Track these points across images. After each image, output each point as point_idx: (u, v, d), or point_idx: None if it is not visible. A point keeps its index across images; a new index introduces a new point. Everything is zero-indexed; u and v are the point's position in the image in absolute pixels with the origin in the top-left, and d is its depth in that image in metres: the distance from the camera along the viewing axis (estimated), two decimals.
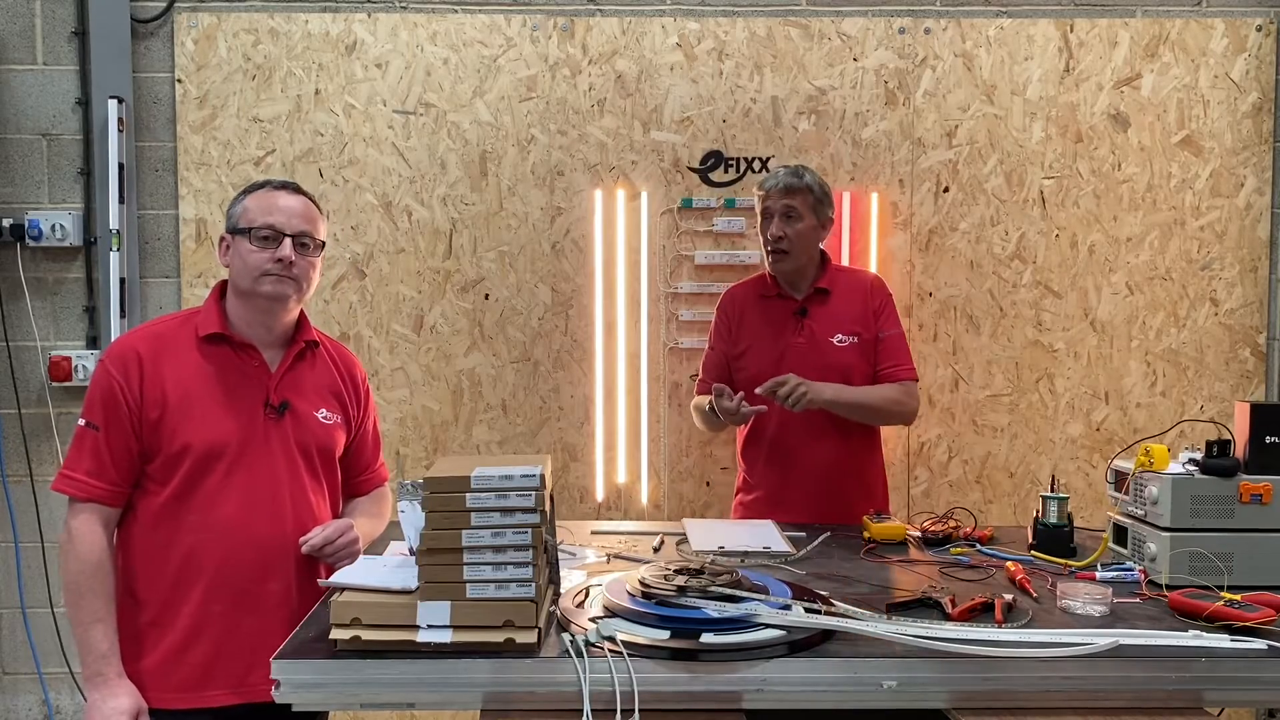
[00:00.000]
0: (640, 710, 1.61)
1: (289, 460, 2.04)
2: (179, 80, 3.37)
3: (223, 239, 2.06)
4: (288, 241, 2.00)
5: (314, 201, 2.10)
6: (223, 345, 2.02)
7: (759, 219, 2.82)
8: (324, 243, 2.10)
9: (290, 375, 2.07)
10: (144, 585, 1.97)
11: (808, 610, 1.81)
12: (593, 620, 1.78)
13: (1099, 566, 2.18)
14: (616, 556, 2.30)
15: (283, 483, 2.02)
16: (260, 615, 1.98)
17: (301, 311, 2.13)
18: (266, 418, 2.02)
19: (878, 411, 2.79)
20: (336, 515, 2.17)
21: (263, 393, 2.03)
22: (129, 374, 1.94)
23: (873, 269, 3.44)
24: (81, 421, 1.96)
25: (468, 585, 1.69)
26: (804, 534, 2.51)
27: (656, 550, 2.38)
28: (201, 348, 2.00)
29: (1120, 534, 2.25)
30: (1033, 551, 2.33)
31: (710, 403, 2.74)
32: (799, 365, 2.76)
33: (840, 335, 2.79)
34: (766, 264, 2.85)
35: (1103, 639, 1.74)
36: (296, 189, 2.08)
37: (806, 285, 2.84)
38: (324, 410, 2.11)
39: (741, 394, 2.65)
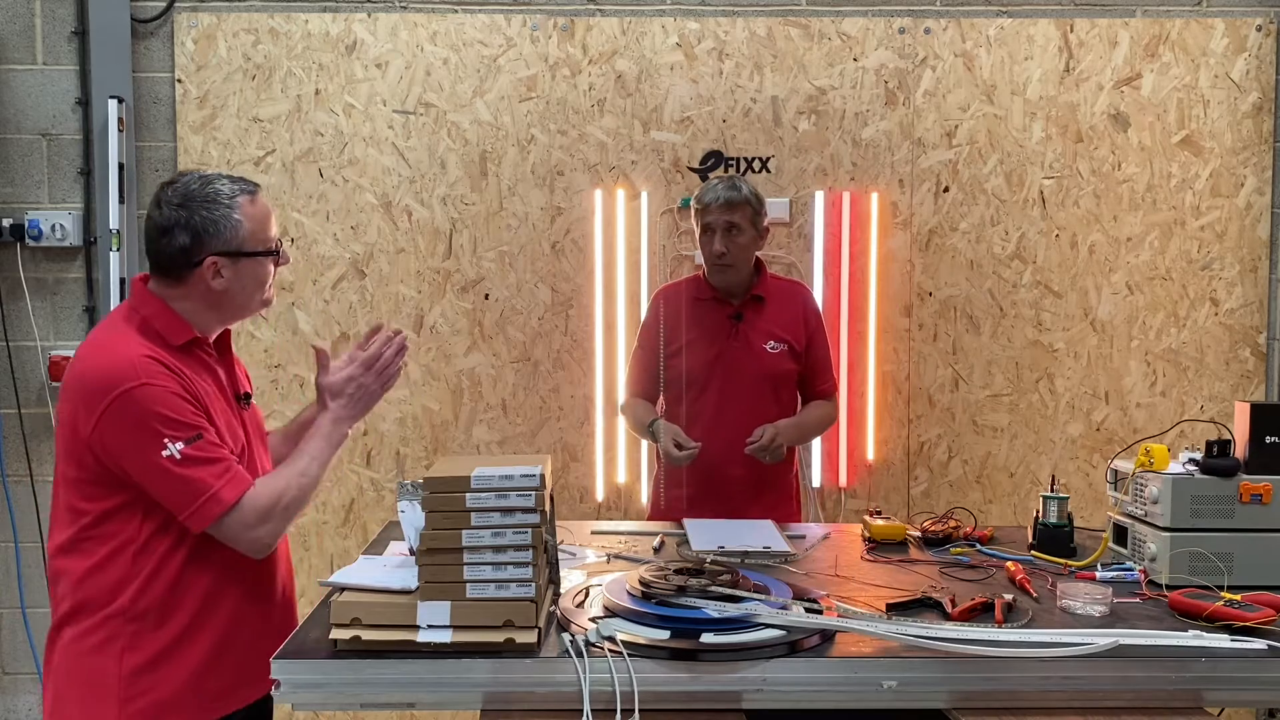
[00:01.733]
0: (640, 710, 1.61)
1: (263, 448, 2.02)
2: (179, 80, 3.37)
3: (214, 262, 1.84)
4: (284, 249, 1.96)
5: None
6: (194, 350, 1.89)
7: (697, 230, 2.84)
8: None
9: (234, 366, 2.01)
10: (167, 605, 1.82)
11: (808, 610, 1.81)
12: (593, 620, 1.79)
13: (1099, 566, 2.19)
14: (616, 556, 2.30)
15: (267, 470, 1.99)
16: (276, 602, 1.96)
17: None
18: (241, 412, 1.97)
19: (819, 433, 3.10)
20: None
21: (230, 388, 1.96)
22: (180, 380, 1.79)
23: (872, 269, 3.45)
24: (175, 451, 1.73)
25: (468, 585, 1.69)
26: (804, 534, 2.51)
27: (656, 550, 2.38)
28: (179, 354, 1.85)
29: (1120, 534, 2.25)
30: (1033, 551, 2.33)
31: (650, 426, 2.79)
32: (732, 369, 2.81)
33: (773, 342, 2.84)
34: (704, 272, 2.87)
35: (1103, 639, 1.75)
36: (257, 186, 1.94)
37: (742, 291, 2.87)
38: (250, 392, 2.06)
39: (698, 446, 2.66)
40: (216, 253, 1.83)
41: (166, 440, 1.73)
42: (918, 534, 2.47)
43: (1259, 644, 1.76)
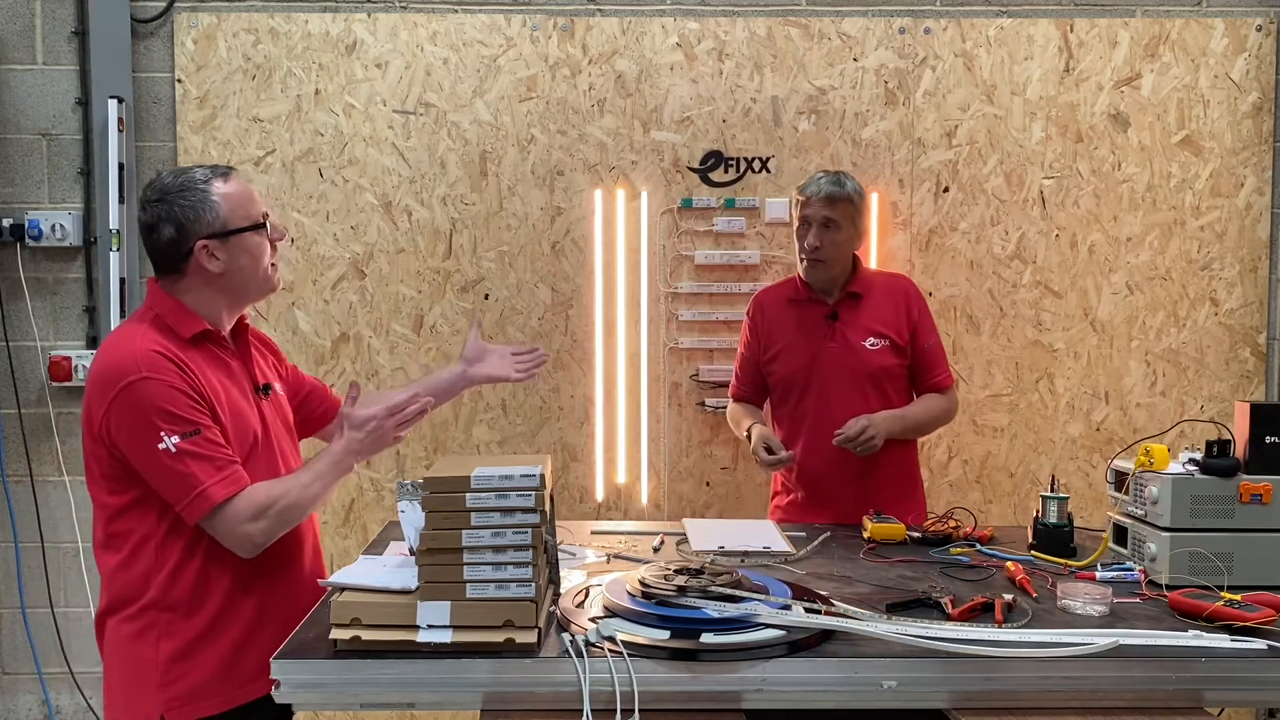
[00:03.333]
0: (640, 710, 1.61)
1: (287, 437, 2.08)
2: (179, 80, 3.37)
3: (204, 246, 1.89)
4: (276, 223, 2.00)
5: None
6: (205, 342, 1.94)
7: (795, 222, 2.82)
8: None
9: (251, 358, 2.05)
10: (197, 594, 1.88)
11: (808, 610, 1.81)
12: (593, 620, 1.79)
13: (1099, 566, 2.19)
14: (616, 556, 2.30)
15: (290, 459, 2.06)
16: (302, 588, 1.99)
17: None
18: (259, 402, 2.01)
19: (932, 426, 2.95)
20: None
21: (248, 379, 2.01)
22: (184, 376, 1.83)
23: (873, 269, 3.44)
24: (171, 444, 1.77)
25: (468, 585, 1.69)
26: (804, 534, 2.51)
27: (656, 550, 2.38)
28: (189, 348, 1.90)
29: (1120, 534, 2.25)
30: (1033, 551, 2.33)
31: (747, 431, 2.81)
32: (831, 369, 2.77)
33: (872, 339, 2.79)
34: (800, 268, 2.84)
35: (1103, 639, 1.75)
36: (233, 169, 2.01)
37: (837, 289, 2.84)
38: (276, 384, 2.12)
39: (790, 455, 2.68)
40: (203, 236, 1.90)
41: (163, 433, 1.78)
42: (918, 534, 2.47)
43: (1259, 644, 1.76)
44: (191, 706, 1.87)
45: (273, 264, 1.99)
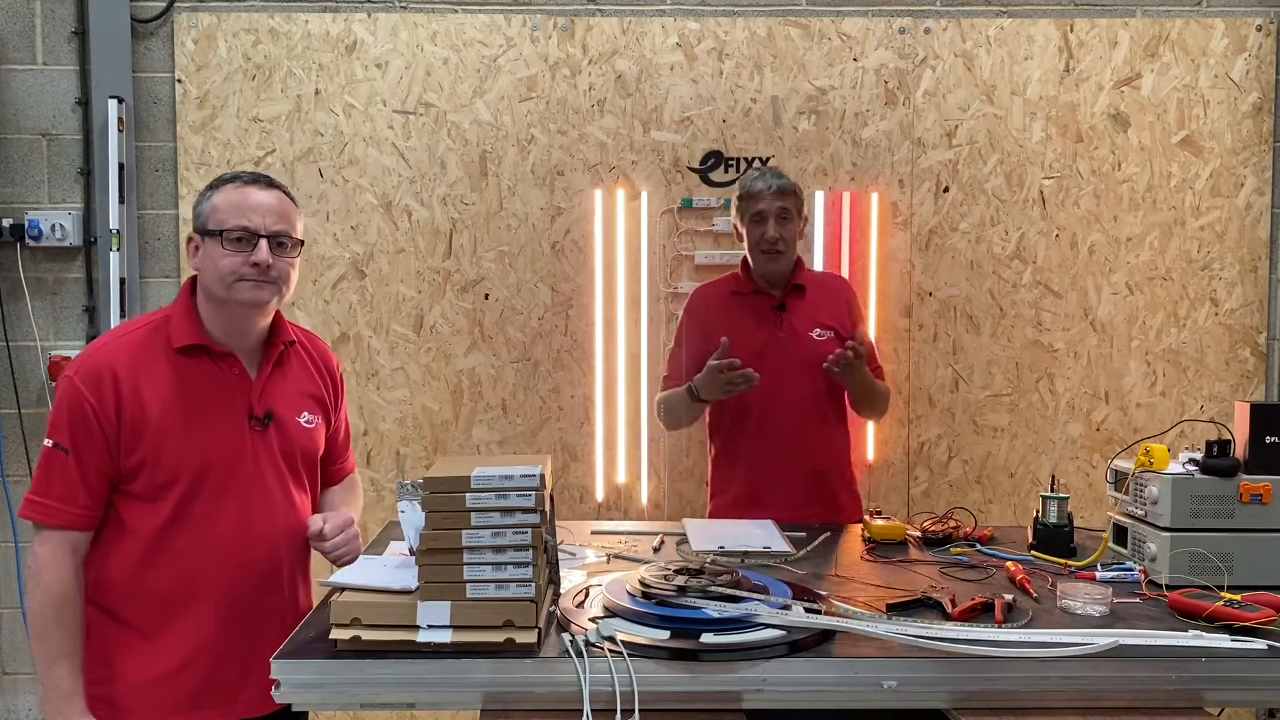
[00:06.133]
0: (640, 710, 1.61)
1: (276, 472, 1.96)
2: (179, 80, 3.37)
3: (191, 239, 1.90)
4: (263, 244, 1.85)
5: (288, 194, 1.94)
6: (201, 355, 1.89)
7: (742, 222, 2.85)
8: (302, 240, 1.95)
9: (270, 383, 1.96)
10: (130, 606, 1.87)
11: (808, 610, 1.81)
12: (593, 620, 1.79)
13: (1099, 566, 2.19)
14: (616, 556, 2.30)
15: (274, 496, 1.95)
16: (255, 633, 1.92)
17: (278, 310, 1.99)
18: (252, 431, 1.92)
19: (879, 403, 2.92)
20: (315, 511, 2.08)
21: (245, 404, 1.92)
22: (103, 394, 1.81)
23: (872, 269, 3.45)
24: (48, 443, 1.82)
25: (468, 585, 1.69)
26: (804, 534, 2.51)
27: (656, 550, 2.38)
28: (178, 359, 1.87)
29: (1120, 534, 2.25)
30: (1033, 551, 2.33)
31: (690, 386, 2.74)
32: (780, 357, 2.80)
33: (818, 330, 2.84)
34: (754, 262, 2.86)
35: (1103, 639, 1.74)
36: (270, 183, 1.92)
37: (783, 282, 2.88)
38: (305, 414, 2.02)
39: (753, 376, 2.62)
40: (195, 231, 1.91)
41: (49, 431, 1.85)
42: (918, 534, 2.47)
43: (1259, 644, 1.76)
44: (104, 710, 1.87)
45: (245, 279, 1.85)
